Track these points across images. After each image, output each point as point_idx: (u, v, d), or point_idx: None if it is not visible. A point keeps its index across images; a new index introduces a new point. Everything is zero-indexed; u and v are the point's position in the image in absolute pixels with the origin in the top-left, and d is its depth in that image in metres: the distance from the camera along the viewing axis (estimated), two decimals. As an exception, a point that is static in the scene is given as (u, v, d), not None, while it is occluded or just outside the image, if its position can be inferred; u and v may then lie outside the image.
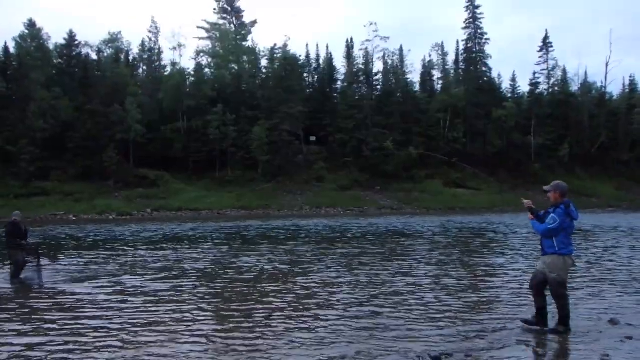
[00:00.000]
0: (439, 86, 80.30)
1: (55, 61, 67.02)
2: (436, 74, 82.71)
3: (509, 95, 75.17)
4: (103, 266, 15.01)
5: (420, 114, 67.91)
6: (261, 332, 7.45)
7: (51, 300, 10.19)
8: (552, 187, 7.17)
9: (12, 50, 62.66)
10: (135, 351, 6.71)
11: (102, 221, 44.00)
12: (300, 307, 9.16)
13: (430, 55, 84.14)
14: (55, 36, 78.73)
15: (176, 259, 16.55)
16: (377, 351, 6.47)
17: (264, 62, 72.28)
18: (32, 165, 52.95)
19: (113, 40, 72.30)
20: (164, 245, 21.29)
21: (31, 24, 65.19)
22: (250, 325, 7.94)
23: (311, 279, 12.15)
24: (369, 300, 9.55)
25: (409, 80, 75.24)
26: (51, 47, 67.42)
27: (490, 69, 73.75)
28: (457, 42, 76.29)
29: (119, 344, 7.07)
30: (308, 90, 73.39)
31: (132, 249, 20.17)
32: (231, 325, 7.97)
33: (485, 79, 72.90)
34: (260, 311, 8.87)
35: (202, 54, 73.14)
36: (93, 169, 54.95)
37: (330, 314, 8.54)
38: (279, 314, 8.67)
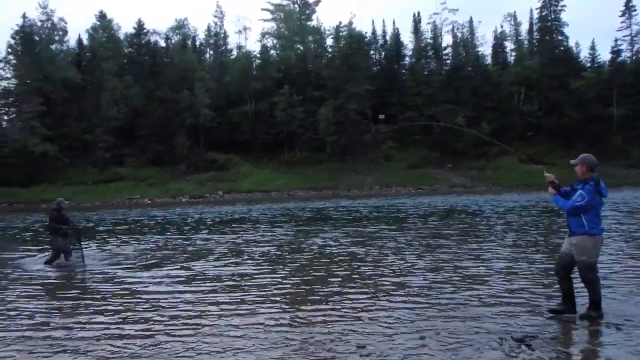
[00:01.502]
0: (512, 58, 76.55)
1: (125, 50, 69.00)
2: (509, 45, 78.86)
3: (588, 64, 70.82)
4: (172, 251, 14.58)
5: (492, 88, 65.11)
6: (329, 321, 6.85)
7: (118, 286, 9.82)
8: (579, 161, 6.65)
9: (85, 42, 65.04)
10: (197, 338, 6.25)
11: (176, 204, 44.93)
12: (374, 289, 8.57)
13: (502, 26, 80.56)
14: (125, 26, 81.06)
15: (244, 241, 16.11)
16: (456, 333, 6.10)
17: (329, 41, 71.94)
18: (108, 152, 55.01)
19: (180, 26, 73.66)
20: (235, 228, 21.10)
21: (102, 16, 67.49)
22: (320, 311, 7.39)
23: (383, 261, 11.43)
24: (445, 283, 8.93)
25: (479, 53, 72.76)
26: (121, 36, 69.46)
27: (566, 37, 69.79)
28: (531, 10, 73.14)
29: (182, 330, 6.66)
30: (375, 68, 71.93)
31: (198, 231, 20.09)
32: (301, 313, 7.39)
33: (562, 48, 68.84)
34: (331, 295, 8.30)
35: (267, 36, 73.45)
36: (163, 154, 56.31)
37: (405, 296, 8.02)
38: (351, 297, 8.09)
